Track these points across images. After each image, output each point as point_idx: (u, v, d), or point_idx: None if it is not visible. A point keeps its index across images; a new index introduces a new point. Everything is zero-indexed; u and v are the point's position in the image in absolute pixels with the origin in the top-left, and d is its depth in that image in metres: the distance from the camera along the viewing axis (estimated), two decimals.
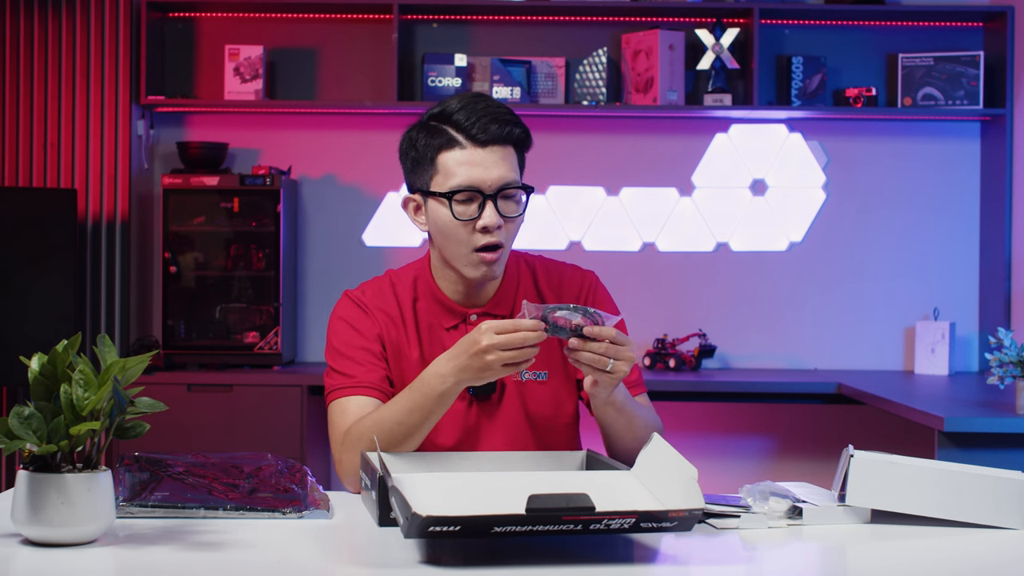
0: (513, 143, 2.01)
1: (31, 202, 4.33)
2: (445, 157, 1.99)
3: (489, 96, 2.04)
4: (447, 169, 1.99)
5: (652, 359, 4.56)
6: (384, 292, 2.11)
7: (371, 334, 2.07)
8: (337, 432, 2.02)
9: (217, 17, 4.68)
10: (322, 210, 4.72)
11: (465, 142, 1.98)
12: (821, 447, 4.58)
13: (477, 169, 1.97)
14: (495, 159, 1.98)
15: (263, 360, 4.38)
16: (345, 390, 2.03)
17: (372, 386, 2.03)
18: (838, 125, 4.75)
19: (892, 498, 1.74)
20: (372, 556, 1.60)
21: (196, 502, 1.73)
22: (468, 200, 1.98)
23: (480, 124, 1.97)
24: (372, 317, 2.08)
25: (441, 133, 2.00)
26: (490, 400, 2.06)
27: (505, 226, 2.00)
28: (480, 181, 1.97)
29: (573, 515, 1.48)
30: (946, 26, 4.69)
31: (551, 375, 2.09)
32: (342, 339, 2.08)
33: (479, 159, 1.97)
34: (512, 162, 2.00)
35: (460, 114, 1.99)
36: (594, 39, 4.66)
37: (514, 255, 2.14)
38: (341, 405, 2.03)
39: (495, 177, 1.97)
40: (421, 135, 2.03)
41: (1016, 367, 3.18)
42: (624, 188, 4.73)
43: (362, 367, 2.04)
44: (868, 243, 4.74)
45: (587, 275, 2.17)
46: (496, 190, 1.98)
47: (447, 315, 2.09)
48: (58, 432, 1.53)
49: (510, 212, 2.00)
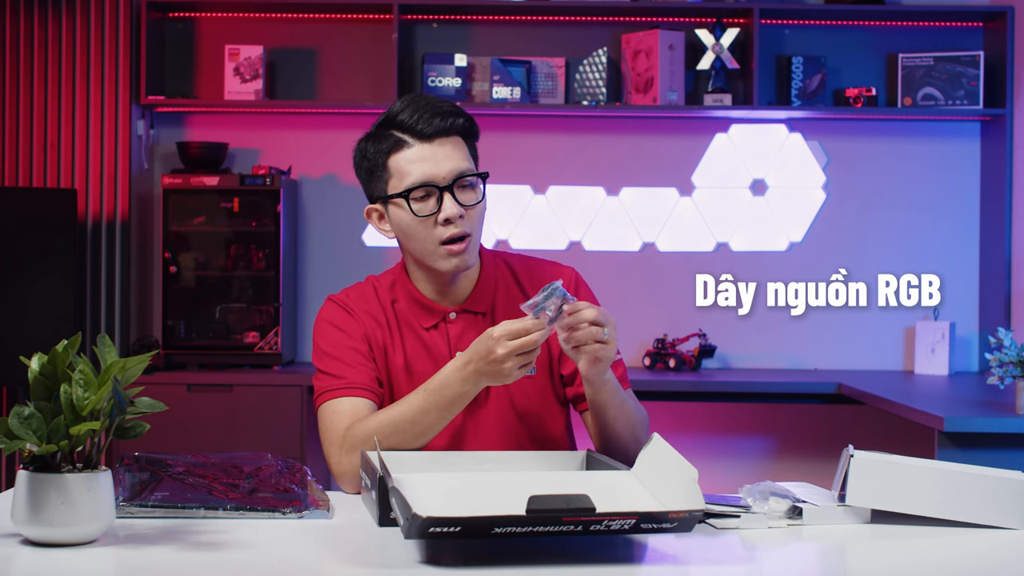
0: (459, 133, 2.03)
1: (31, 202, 4.33)
2: (396, 159, 2.02)
3: (429, 94, 2.08)
4: (400, 170, 2.01)
5: (652, 359, 4.56)
6: (367, 295, 2.12)
7: (358, 335, 2.07)
8: (334, 433, 2.00)
9: (217, 17, 4.68)
10: (322, 210, 4.72)
11: (412, 140, 2.01)
12: (821, 447, 4.58)
13: (428, 164, 2.00)
14: (445, 151, 2.00)
15: (263, 360, 4.38)
16: (337, 391, 2.03)
17: (364, 387, 2.03)
18: (838, 125, 4.75)
19: (892, 498, 1.74)
20: (372, 556, 1.60)
21: (196, 502, 1.73)
22: (425, 196, 2.00)
23: (423, 119, 2.00)
24: (357, 319, 2.09)
25: (388, 137, 2.03)
26: (476, 400, 2.06)
27: (467, 215, 2.01)
28: (433, 175, 2.00)
29: (574, 516, 1.48)
30: (946, 26, 4.69)
31: (540, 371, 2.10)
32: (329, 341, 2.08)
33: (428, 154, 2.00)
34: (462, 152, 2.03)
35: (403, 115, 2.02)
36: (594, 39, 4.66)
37: (492, 254, 2.16)
38: (334, 406, 2.03)
39: (447, 169, 2.00)
40: (370, 144, 2.06)
41: (1016, 367, 3.18)
42: (624, 188, 4.73)
43: (352, 368, 2.04)
44: (868, 243, 4.74)
45: (566, 271, 2.17)
46: (451, 181, 2.00)
47: (426, 315, 2.09)
48: (58, 432, 1.53)
49: (469, 200, 2.02)
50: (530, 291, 2.12)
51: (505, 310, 2.09)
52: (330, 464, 2.00)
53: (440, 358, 2.06)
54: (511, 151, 4.68)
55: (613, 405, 1.98)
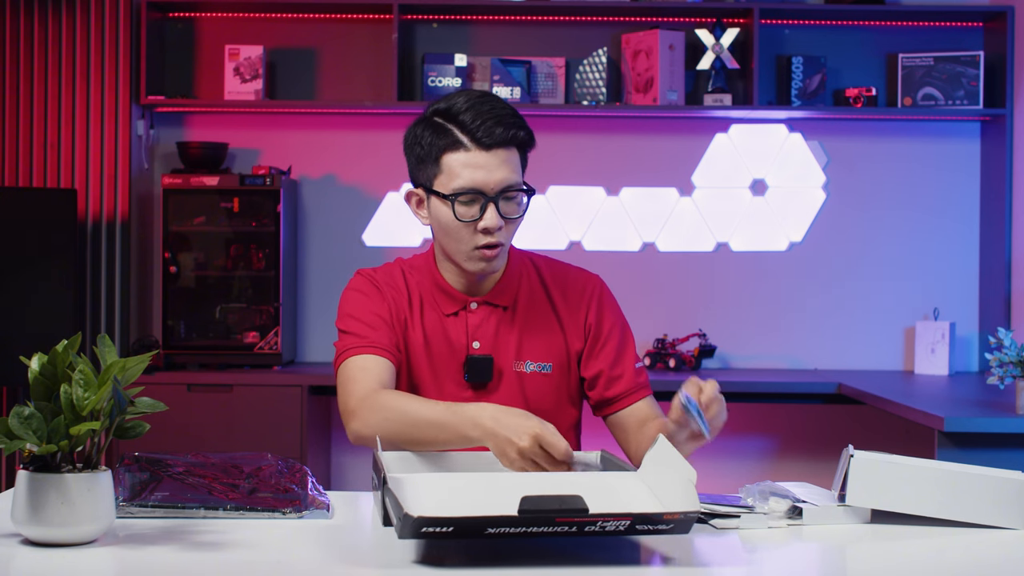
0: (517, 145, 2.03)
1: (31, 202, 4.33)
2: (449, 158, 2.01)
3: (495, 96, 2.06)
4: (451, 170, 2.00)
5: (652, 359, 4.56)
6: (394, 275, 2.15)
7: (383, 306, 2.10)
8: (358, 387, 1.98)
9: (217, 17, 4.68)
10: (322, 210, 4.72)
11: (470, 144, 1.99)
12: (821, 447, 4.58)
13: (480, 172, 1.99)
14: (498, 162, 1.99)
15: (263, 360, 4.38)
16: (361, 348, 2.03)
17: (385, 348, 2.04)
18: (838, 125, 4.75)
19: (892, 498, 1.74)
20: (372, 556, 1.60)
21: (196, 502, 1.73)
22: (470, 201, 2.00)
23: (485, 127, 1.98)
24: (383, 293, 2.12)
25: (447, 134, 2.01)
26: (487, 389, 2.08)
27: (506, 226, 2.03)
28: (483, 184, 1.99)
29: (567, 517, 1.48)
30: (946, 26, 4.69)
31: (555, 368, 2.12)
32: (354, 305, 2.11)
33: (483, 162, 1.99)
34: (515, 164, 2.02)
35: (466, 115, 2.00)
36: (594, 39, 4.66)
37: (519, 252, 2.18)
38: (359, 362, 2.02)
39: (497, 180, 1.99)
40: (427, 133, 2.04)
41: (1016, 367, 3.18)
42: (624, 188, 4.73)
43: (375, 331, 2.06)
44: (868, 243, 4.74)
45: (592, 279, 2.19)
46: (498, 192, 2.00)
47: (448, 302, 2.12)
48: (58, 432, 1.53)
49: (511, 213, 2.03)
50: (554, 292, 2.14)
51: (527, 307, 2.12)
52: (346, 418, 1.98)
53: (457, 344, 2.09)
54: None
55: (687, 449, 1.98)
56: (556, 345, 2.11)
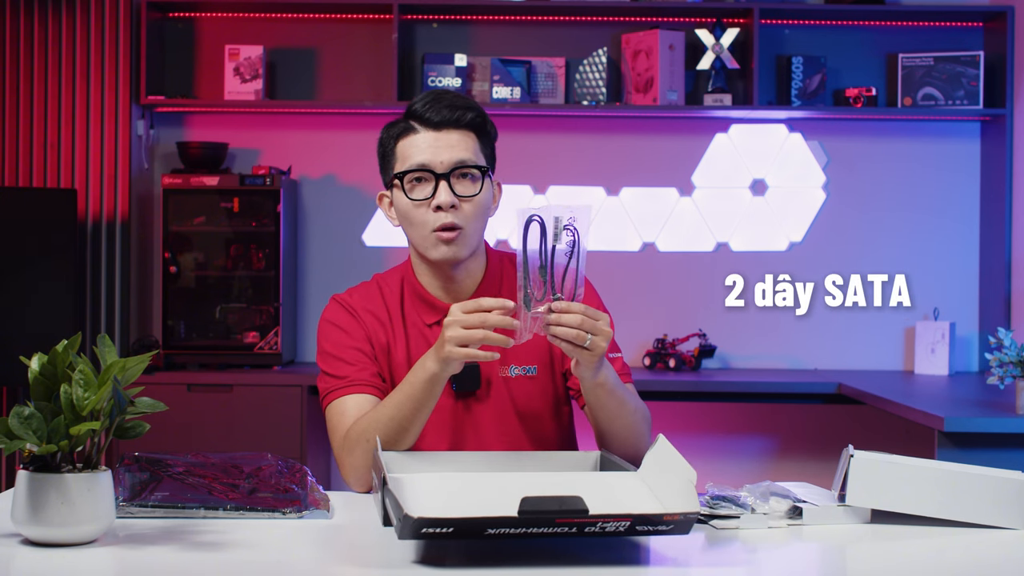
0: (469, 127, 2.05)
1: (31, 202, 4.33)
2: (403, 143, 2.06)
3: (454, 91, 2.12)
4: (403, 154, 2.05)
5: (652, 359, 4.56)
6: (371, 295, 2.14)
7: (360, 335, 2.09)
8: (338, 435, 2.02)
9: (217, 17, 4.68)
10: (322, 210, 4.72)
11: (419, 127, 2.05)
12: (821, 447, 4.58)
13: (429, 151, 2.03)
14: (449, 141, 2.03)
15: (263, 360, 4.38)
16: (340, 390, 2.05)
17: (366, 383, 2.04)
18: (838, 125, 4.75)
19: (892, 498, 1.74)
20: (372, 556, 1.60)
21: (196, 502, 1.73)
22: (422, 180, 2.03)
23: (434, 109, 2.04)
24: (360, 320, 2.11)
25: (400, 124, 2.08)
26: (475, 395, 2.07)
27: (461, 206, 2.03)
28: (430, 161, 2.02)
29: (566, 517, 1.48)
30: (946, 26, 4.69)
31: (540, 370, 2.11)
32: (332, 342, 2.10)
33: (431, 141, 2.03)
34: (468, 144, 2.05)
35: (418, 104, 2.06)
36: (594, 39, 4.66)
37: (498, 254, 2.17)
38: (338, 407, 2.04)
39: (447, 157, 2.02)
40: (387, 132, 2.10)
41: (1016, 367, 3.18)
42: (624, 188, 4.73)
43: (354, 367, 2.06)
44: (868, 243, 4.74)
45: None
46: (448, 169, 2.02)
47: (429, 312, 2.11)
48: (58, 432, 1.53)
49: (465, 192, 2.03)
50: None
51: None
52: (338, 464, 2.02)
53: None
54: (511, 151, 4.66)
55: (609, 404, 1.96)
56: (538, 345, 2.06)
